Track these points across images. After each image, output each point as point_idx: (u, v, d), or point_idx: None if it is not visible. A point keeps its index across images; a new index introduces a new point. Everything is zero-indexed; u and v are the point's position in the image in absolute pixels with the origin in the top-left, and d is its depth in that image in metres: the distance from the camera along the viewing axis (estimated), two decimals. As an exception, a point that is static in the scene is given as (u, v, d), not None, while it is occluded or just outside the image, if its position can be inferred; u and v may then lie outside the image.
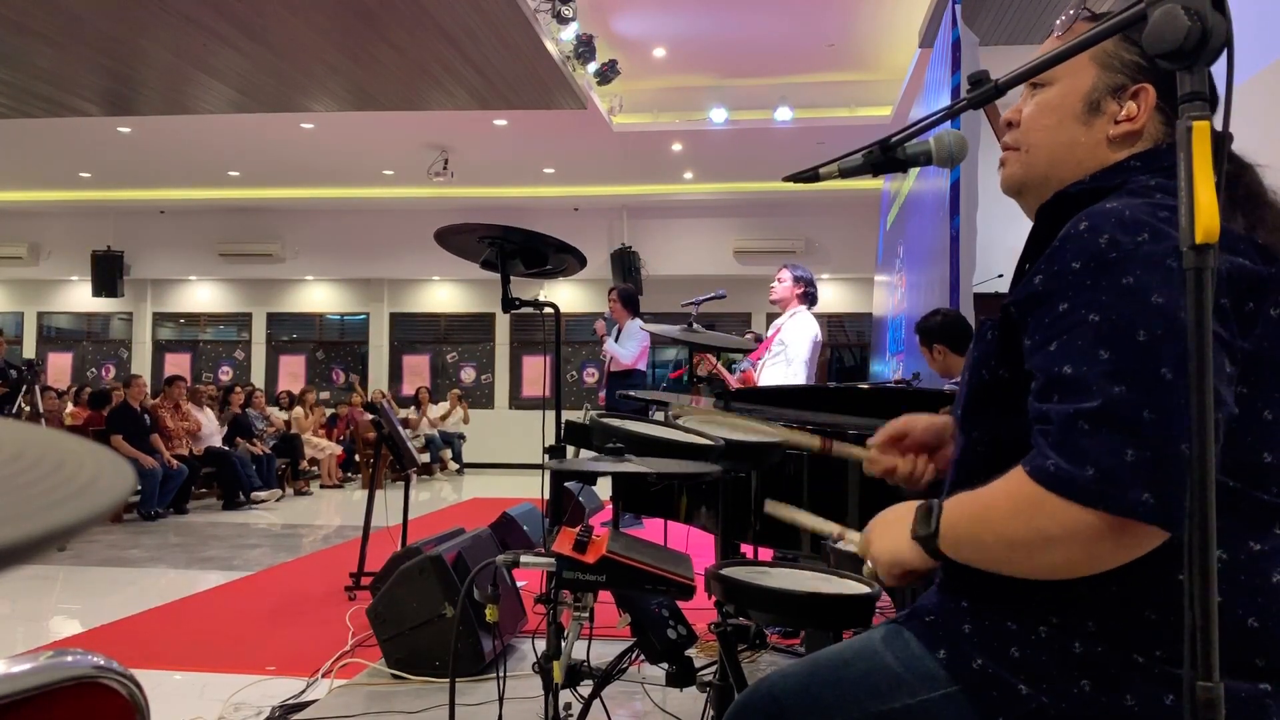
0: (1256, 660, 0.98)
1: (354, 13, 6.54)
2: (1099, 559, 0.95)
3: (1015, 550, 1.00)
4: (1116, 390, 0.93)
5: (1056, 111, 1.15)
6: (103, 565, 5.83)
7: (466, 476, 12.11)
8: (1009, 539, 1.00)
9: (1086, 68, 1.13)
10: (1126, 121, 1.12)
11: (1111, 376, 0.94)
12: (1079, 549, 0.95)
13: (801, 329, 4.82)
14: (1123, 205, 1.01)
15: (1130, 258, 0.97)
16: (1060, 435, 0.95)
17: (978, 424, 1.14)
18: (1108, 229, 0.99)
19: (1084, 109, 1.14)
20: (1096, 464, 0.92)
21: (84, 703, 0.80)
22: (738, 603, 1.61)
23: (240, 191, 12.67)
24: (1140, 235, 0.97)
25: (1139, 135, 1.12)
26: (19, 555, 0.33)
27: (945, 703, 1.08)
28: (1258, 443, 1.01)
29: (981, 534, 1.04)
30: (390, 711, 3.02)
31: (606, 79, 8.30)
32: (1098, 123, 1.13)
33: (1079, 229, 1.01)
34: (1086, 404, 0.94)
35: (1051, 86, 1.16)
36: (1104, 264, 0.98)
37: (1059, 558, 0.97)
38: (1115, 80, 1.13)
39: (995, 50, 6.66)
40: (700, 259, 12.55)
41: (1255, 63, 3.07)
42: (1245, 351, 0.99)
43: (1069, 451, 0.94)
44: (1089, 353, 0.96)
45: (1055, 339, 0.99)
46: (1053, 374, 0.99)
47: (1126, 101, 1.12)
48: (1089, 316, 0.97)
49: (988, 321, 1.13)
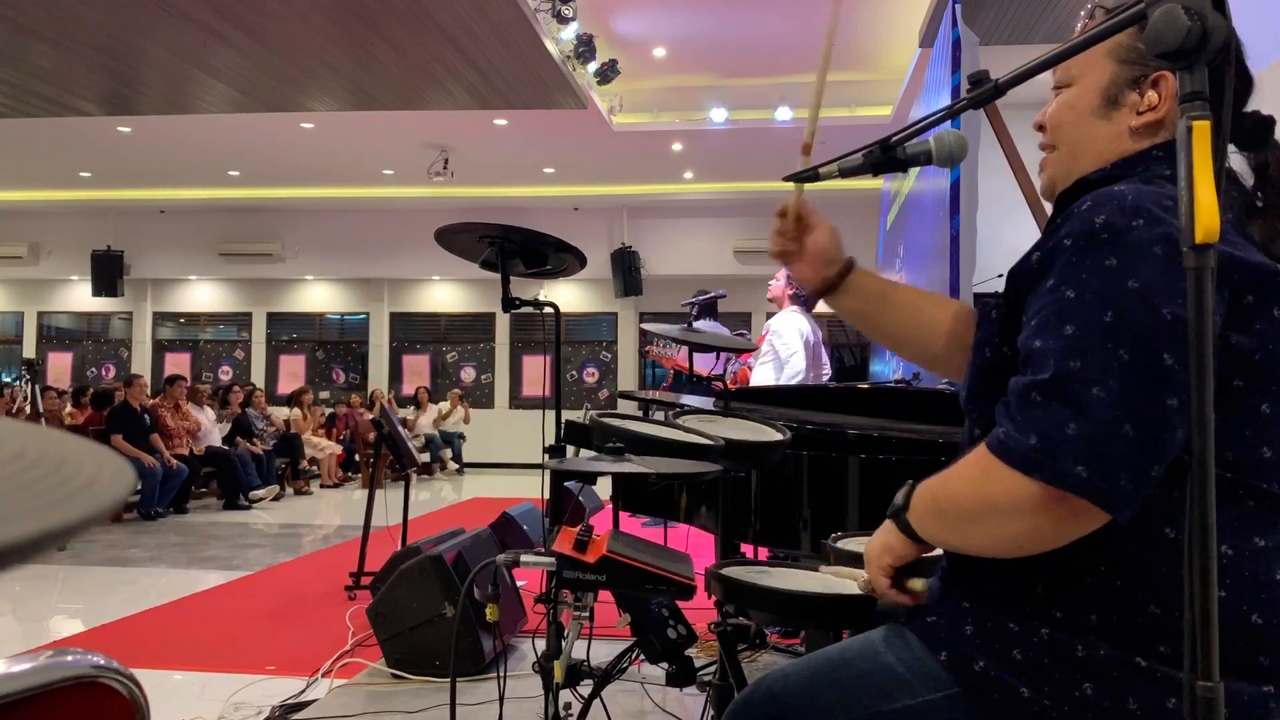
0: (1261, 659, 0.98)
1: (354, 13, 6.54)
2: (1039, 533, 0.97)
3: (966, 520, 1.03)
4: (1071, 364, 0.95)
5: (1076, 109, 1.16)
6: (103, 565, 5.83)
7: (466, 476, 12.10)
8: (961, 507, 1.03)
9: (1103, 63, 1.14)
10: (1149, 111, 1.11)
11: (1069, 351, 0.96)
12: (1020, 520, 0.97)
13: (789, 328, 4.83)
14: (1128, 190, 1.02)
15: (1118, 240, 0.98)
16: (1015, 405, 0.98)
17: (981, 405, 1.14)
18: (1106, 210, 1.00)
19: (1102, 103, 1.14)
20: (1039, 433, 0.94)
21: (84, 702, 0.80)
22: (738, 603, 1.60)
23: (240, 191, 12.67)
24: (1136, 220, 0.98)
25: (1162, 124, 1.11)
26: (19, 555, 0.33)
27: (947, 704, 1.08)
28: (1256, 437, 1.01)
29: (940, 502, 1.08)
30: (390, 711, 3.02)
31: (606, 79, 8.29)
32: (1118, 115, 1.13)
33: (1081, 208, 1.02)
34: (1040, 375, 0.96)
35: (1072, 86, 1.17)
36: (1093, 243, 0.99)
37: (1003, 529, 0.99)
38: (1133, 72, 1.12)
39: (995, 50, 6.65)
40: (700, 259, 12.54)
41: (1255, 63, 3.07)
42: (1244, 347, 0.99)
43: (1019, 421, 0.96)
44: (1056, 328, 0.97)
45: (1037, 315, 1.01)
46: (1027, 348, 1.01)
47: (1147, 91, 1.12)
48: (1066, 293, 0.98)
49: (990, 302, 1.13)
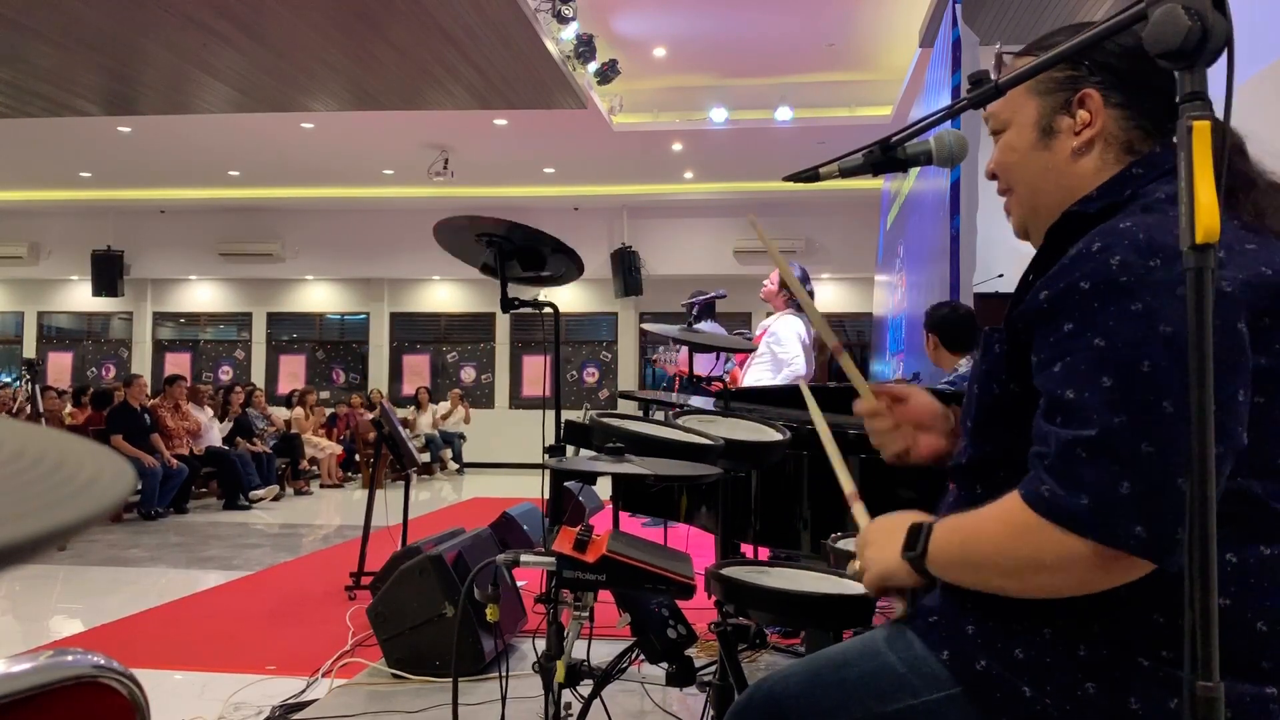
0: (1263, 663, 0.98)
1: (354, 12, 6.54)
2: (1088, 585, 0.97)
3: (1006, 575, 1.01)
4: (1116, 420, 0.93)
5: (1017, 149, 1.18)
6: (103, 565, 5.83)
7: (466, 476, 12.10)
8: (1000, 564, 1.01)
9: (1026, 100, 1.16)
10: (1086, 129, 1.13)
11: (1112, 406, 0.93)
12: (1069, 576, 0.96)
13: (788, 332, 4.84)
14: (1137, 225, 1.00)
15: (1142, 283, 0.95)
16: (1057, 461, 0.95)
17: (990, 437, 1.13)
18: (1120, 250, 0.98)
19: (1039, 136, 1.16)
20: (1091, 494, 0.92)
21: (84, 702, 0.80)
22: (738, 603, 1.61)
23: (240, 191, 12.67)
24: (1153, 260, 0.96)
25: (1099, 137, 1.12)
26: (19, 555, 0.33)
27: (948, 704, 1.08)
28: (1270, 448, 1.00)
29: (972, 557, 1.05)
30: (390, 711, 3.02)
31: (606, 79, 8.29)
32: (1057, 143, 1.15)
33: (1091, 249, 1.00)
34: (1085, 431, 0.94)
35: (1008, 129, 1.19)
36: (1114, 288, 0.96)
37: (1049, 582, 0.98)
38: (1058, 99, 1.14)
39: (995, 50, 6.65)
40: (700, 259, 12.54)
41: (1255, 63, 3.08)
42: (1261, 368, 0.97)
43: (1065, 479, 0.94)
44: (1092, 379, 0.95)
45: (1059, 360, 0.99)
46: (1055, 396, 0.98)
47: (1077, 111, 1.13)
48: (1095, 341, 0.96)
49: (995, 334, 1.12)
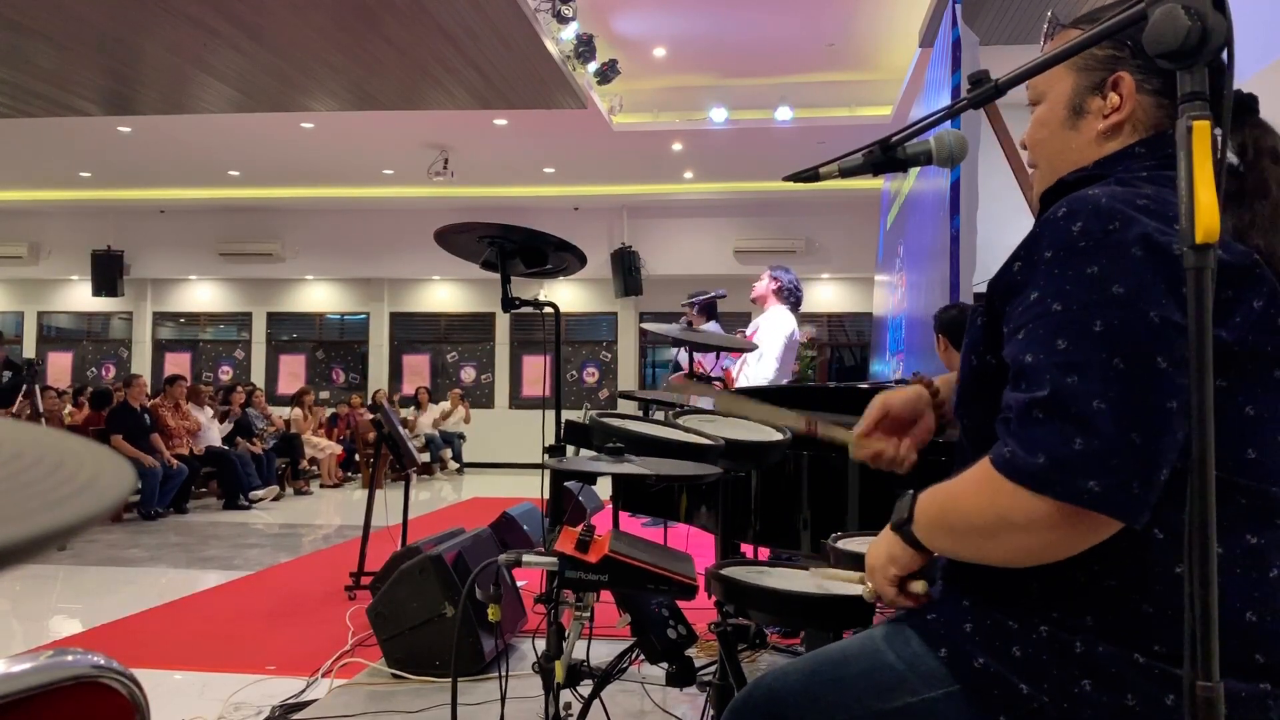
0: (1256, 656, 0.98)
1: (354, 13, 6.54)
2: (1056, 545, 0.98)
3: (980, 536, 1.04)
4: (1069, 380, 0.95)
5: (1048, 125, 1.19)
6: (103, 565, 5.83)
7: (466, 476, 12.10)
8: (973, 524, 1.04)
9: (1065, 75, 1.17)
10: (1114, 112, 1.13)
11: (1064, 366, 0.96)
12: (1036, 536, 0.98)
13: (775, 324, 4.85)
14: (1102, 192, 1.03)
15: (1098, 246, 0.98)
16: (1017, 423, 0.98)
17: (972, 410, 1.16)
18: (1081, 217, 1.01)
19: (1069, 114, 1.17)
20: (1047, 452, 0.95)
21: (84, 702, 0.80)
22: (738, 603, 1.61)
23: (240, 191, 12.67)
24: (1111, 224, 0.99)
25: (1127, 122, 1.13)
26: (19, 555, 0.33)
27: (946, 702, 1.08)
28: (1242, 440, 1.01)
29: (949, 518, 1.08)
30: (390, 711, 3.02)
31: (606, 79, 8.29)
32: (1085, 123, 1.16)
33: (1057, 215, 1.03)
34: (1039, 393, 0.97)
35: (1043, 102, 1.20)
36: (1073, 252, 0.99)
37: (1022, 542, 1.00)
38: (1093, 79, 1.15)
39: (995, 50, 6.65)
40: (700, 259, 12.54)
41: (1255, 63, 3.08)
42: (1221, 340, 0.97)
43: (1024, 440, 0.97)
44: (1048, 342, 0.98)
45: (1023, 327, 1.02)
46: (1017, 361, 1.01)
47: (1109, 94, 1.13)
48: (1053, 306, 0.99)
49: (979, 308, 1.15)
